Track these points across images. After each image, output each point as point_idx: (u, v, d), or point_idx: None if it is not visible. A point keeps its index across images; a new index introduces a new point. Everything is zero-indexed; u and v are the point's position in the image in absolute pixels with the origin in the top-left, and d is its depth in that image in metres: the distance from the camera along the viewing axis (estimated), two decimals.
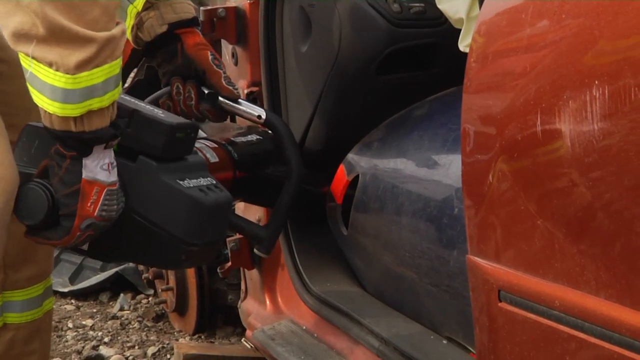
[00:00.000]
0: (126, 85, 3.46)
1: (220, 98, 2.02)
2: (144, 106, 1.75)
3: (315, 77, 2.21)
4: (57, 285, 3.37)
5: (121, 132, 1.62)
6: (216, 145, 2.05)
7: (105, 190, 1.62)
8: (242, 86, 2.35)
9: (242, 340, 2.67)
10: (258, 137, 2.15)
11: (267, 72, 2.30)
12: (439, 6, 2.00)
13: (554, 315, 1.25)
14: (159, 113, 1.75)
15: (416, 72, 2.24)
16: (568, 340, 1.23)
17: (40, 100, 1.53)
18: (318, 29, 2.18)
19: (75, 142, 1.57)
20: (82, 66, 1.50)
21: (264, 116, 2.05)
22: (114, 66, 1.54)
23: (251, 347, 2.48)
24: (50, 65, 1.50)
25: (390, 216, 1.98)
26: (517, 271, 1.32)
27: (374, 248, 2.08)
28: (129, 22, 2.00)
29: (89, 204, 1.60)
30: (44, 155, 1.65)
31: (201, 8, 2.34)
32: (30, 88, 1.54)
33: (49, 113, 1.53)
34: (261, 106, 2.32)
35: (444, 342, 1.88)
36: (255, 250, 2.09)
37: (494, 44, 1.38)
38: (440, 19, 2.12)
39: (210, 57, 1.99)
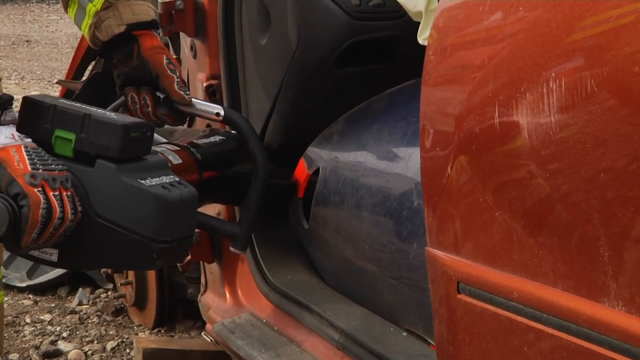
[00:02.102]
0: (84, 78, 3.44)
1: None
2: (96, 110, 1.75)
3: (275, 70, 2.20)
4: (14, 280, 3.35)
5: (6, 99, 1.62)
6: (178, 148, 2.04)
7: (23, 148, 1.62)
8: (201, 79, 2.34)
9: (202, 334, 2.66)
10: (221, 137, 2.15)
11: (226, 65, 2.29)
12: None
13: (512, 307, 1.26)
14: (112, 115, 1.75)
15: (376, 65, 2.24)
16: (526, 331, 1.24)
17: None
18: (277, 22, 2.17)
19: None
20: None
21: (222, 113, 2.04)
22: None
23: (211, 340, 2.47)
24: None
25: (351, 209, 1.98)
26: (476, 263, 1.32)
27: (335, 241, 2.08)
28: (87, 20, 1.99)
29: (15, 164, 1.59)
30: None
31: (160, 0, 2.33)
32: None
33: None
34: (221, 99, 2.32)
35: (404, 334, 1.89)
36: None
37: (451, 36, 1.39)
38: (400, 11, 2.13)
39: (165, 62, 1.98)
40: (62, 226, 1.64)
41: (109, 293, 3.25)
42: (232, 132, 2.12)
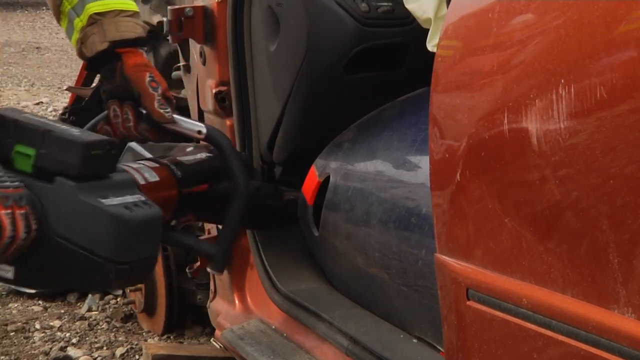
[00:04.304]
0: (93, 84, 3.45)
1: None
2: (58, 126, 1.72)
3: (284, 77, 2.21)
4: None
5: None
6: (157, 165, 2.03)
7: None
8: (211, 86, 2.35)
9: (211, 340, 2.66)
10: (208, 154, 2.14)
11: (236, 71, 2.30)
12: (407, 6, 2.00)
13: (521, 314, 1.26)
14: (74, 132, 1.71)
15: (385, 72, 2.24)
16: (536, 338, 1.24)
17: None
18: (286, 29, 2.18)
19: None
20: None
21: (204, 131, 2.05)
22: None
23: (220, 347, 2.47)
24: None
25: (361, 216, 1.98)
26: (485, 269, 1.32)
27: (345, 248, 2.08)
28: (75, 35, 2.00)
29: None
30: None
31: (169, 7, 2.34)
32: None
33: None
34: (230, 106, 2.32)
35: (414, 341, 1.88)
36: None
37: (461, 43, 1.39)
38: (409, 18, 2.13)
39: (147, 80, 1.98)
40: (12, 244, 1.61)
41: (118, 299, 3.25)
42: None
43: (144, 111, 1.99)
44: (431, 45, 1.92)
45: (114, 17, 1.98)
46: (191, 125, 2.05)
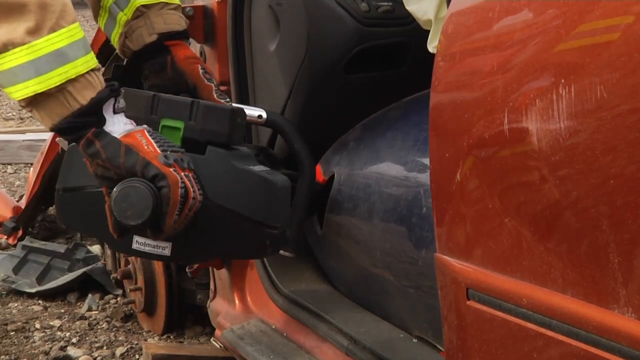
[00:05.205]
0: None
1: None
2: (195, 99, 1.75)
3: (284, 76, 2.21)
4: (24, 286, 3.35)
5: (117, 87, 1.61)
6: None
7: (145, 132, 1.61)
8: None
9: (211, 340, 2.66)
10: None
11: (236, 71, 2.30)
12: (408, 8, 2.00)
13: (521, 313, 1.26)
14: (213, 102, 1.74)
15: (385, 72, 2.25)
16: (536, 337, 1.24)
17: (20, 91, 1.53)
18: (286, 28, 2.18)
19: (83, 118, 1.56)
20: (34, 32, 1.52)
21: (264, 116, 2.04)
22: (73, 30, 1.55)
23: (220, 346, 2.47)
24: (5, 47, 1.51)
25: (363, 215, 1.98)
26: (485, 269, 1.32)
27: (348, 248, 2.08)
28: (118, 30, 1.98)
29: (145, 147, 1.59)
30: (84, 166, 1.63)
31: None
32: (6, 91, 1.54)
33: (44, 110, 1.53)
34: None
35: (414, 341, 1.88)
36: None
37: (461, 42, 1.38)
38: (409, 17, 2.12)
39: (201, 71, 1.98)
40: (194, 207, 1.62)
41: (119, 299, 3.25)
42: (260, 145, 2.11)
43: None
44: (432, 46, 1.92)
45: (160, 9, 1.97)
46: (251, 111, 2.04)
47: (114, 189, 1.59)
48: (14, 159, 5.37)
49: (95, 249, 3.58)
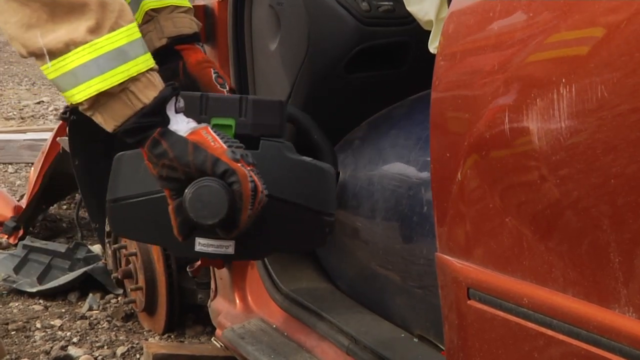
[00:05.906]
0: None
1: None
2: (242, 95, 1.76)
3: (284, 76, 2.21)
4: (25, 285, 3.35)
5: (177, 86, 1.60)
6: None
7: (210, 129, 1.60)
8: None
9: (212, 339, 2.66)
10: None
11: (236, 70, 2.30)
12: (408, 8, 2.00)
13: (522, 313, 1.26)
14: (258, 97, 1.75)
15: (385, 71, 2.24)
16: (536, 337, 1.24)
17: (83, 91, 1.52)
18: (287, 28, 2.18)
19: (148, 119, 1.55)
20: (95, 31, 1.51)
21: None
22: (132, 29, 1.54)
23: (221, 346, 2.47)
24: (67, 47, 1.50)
25: (366, 214, 1.99)
26: (486, 269, 1.32)
27: (350, 246, 2.08)
28: None
29: (212, 144, 1.58)
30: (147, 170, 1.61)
31: None
32: (66, 95, 1.53)
33: (107, 113, 1.53)
34: None
35: (415, 340, 1.88)
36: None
37: (461, 42, 1.38)
38: (409, 17, 2.12)
39: (213, 76, 1.97)
40: (262, 200, 1.61)
41: (119, 298, 3.25)
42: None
43: None
44: (433, 47, 1.92)
45: (170, 13, 1.97)
46: None
47: (186, 191, 1.57)
48: (15, 159, 5.38)
49: (96, 248, 3.58)
